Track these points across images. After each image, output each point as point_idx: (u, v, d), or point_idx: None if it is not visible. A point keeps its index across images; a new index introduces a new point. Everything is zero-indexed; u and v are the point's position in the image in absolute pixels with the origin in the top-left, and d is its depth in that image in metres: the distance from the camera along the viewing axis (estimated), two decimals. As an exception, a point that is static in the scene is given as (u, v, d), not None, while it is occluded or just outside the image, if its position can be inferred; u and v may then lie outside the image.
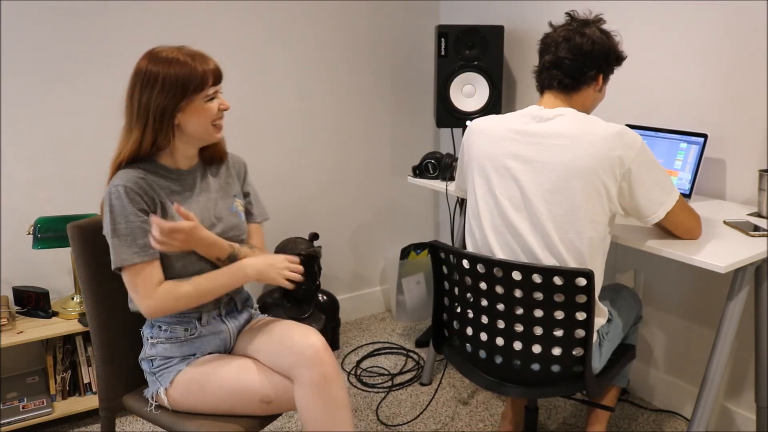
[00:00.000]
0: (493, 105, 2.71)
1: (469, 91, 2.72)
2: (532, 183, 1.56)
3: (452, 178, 2.28)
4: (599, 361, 1.69)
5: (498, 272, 1.54)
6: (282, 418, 2.41)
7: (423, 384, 2.65)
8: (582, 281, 1.48)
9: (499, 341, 1.60)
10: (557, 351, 1.57)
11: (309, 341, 1.53)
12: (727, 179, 2.13)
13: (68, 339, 2.34)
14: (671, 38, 2.23)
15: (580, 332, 1.54)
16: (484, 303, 1.60)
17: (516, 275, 1.52)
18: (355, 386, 2.64)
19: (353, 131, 3.10)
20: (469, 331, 1.66)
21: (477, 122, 1.71)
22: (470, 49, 2.68)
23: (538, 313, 1.54)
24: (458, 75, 2.69)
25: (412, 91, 3.24)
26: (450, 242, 3.30)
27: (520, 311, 1.55)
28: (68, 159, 2.43)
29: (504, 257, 1.61)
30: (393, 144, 3.24)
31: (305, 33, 2.87)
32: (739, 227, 1.76)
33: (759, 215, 1.90)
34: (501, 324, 1.58)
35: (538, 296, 1.52)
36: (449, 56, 2.67)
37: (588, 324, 1.52)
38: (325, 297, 2.92)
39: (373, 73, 3.10)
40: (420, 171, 2.40)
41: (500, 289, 1.56)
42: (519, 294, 1.54)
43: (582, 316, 1.52)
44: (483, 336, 1.63)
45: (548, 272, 1.49)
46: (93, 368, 2.36)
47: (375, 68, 3.10)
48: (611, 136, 1.51)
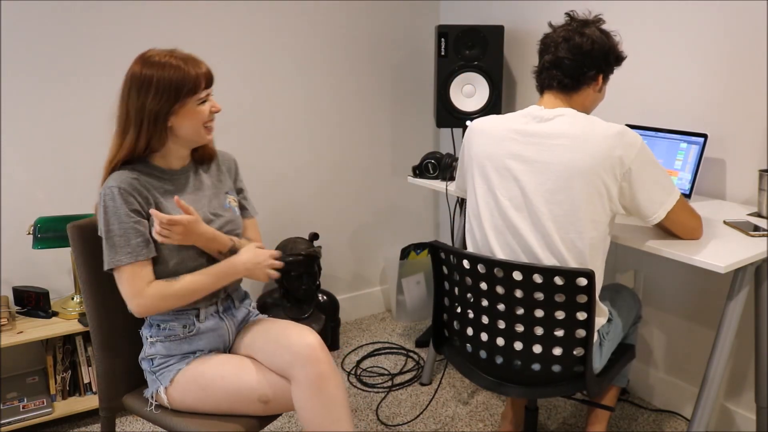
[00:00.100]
0: (493, 105, 2.71)
1: (469, 91, 2.72)
2: (533, 183, 1.56)
3: (452, 178, 2.28)
4: (600, 361, 1.69)
5: (498, 272, 1.54)
6: (282, 418, 2.41)
7: (423, 384, 2.65)
8: (583, 281, 1.48)
9: (500, 341, 1.60)
10: (558, 351, 1.57)
11: (305, 340, 1.54)
12: (727, 179, 2.13)
13: (68, 339, 2.34)
14: (671, 38, 2.23)
15: (581, 332, 1.54)
16: (485, 303, 1.60)
17: (517, 275, 1.52)
18: (355, 386, 2.64)
19: (353, 131, 3.10)
20: (470, 332, 1.66)
21: (477, 122, 1.71)
22: (470, 49, 2.68)
23: (539, 313, 1.54)
24: (458, 75, 2.69)
25: (412, 91, 3.24)
26: (450, 242, 3.30)
27: (521, 311, 1.55)
28: (68, 159, 2.43)
29: (504, 257, 1.62)
30: (393, 144, 3.24)
31: (306, 33, 2.87)
32: (739, 227, 1.76)
33: (759, 215, 1.90)
34: (501, 324, 1.58)
35: (539, 296, 1.52)
36: (449, 56, 2.67)
37: (589, 324, 1.52)
38: (325, 297, 2.92)
39: (374, 73, 3.10)
40: (420, 171, 2.40)
41: (501, 290, 1.56)
42: (520, 294, 1.54)
43: (583, 316, 1.52)
44: (483, 336, 1.63)
45: (549, 272, 1.49)
46: (93, 368, 2.36)
47: (375, 68, 3.10)
48: (611, 136, 1.51)
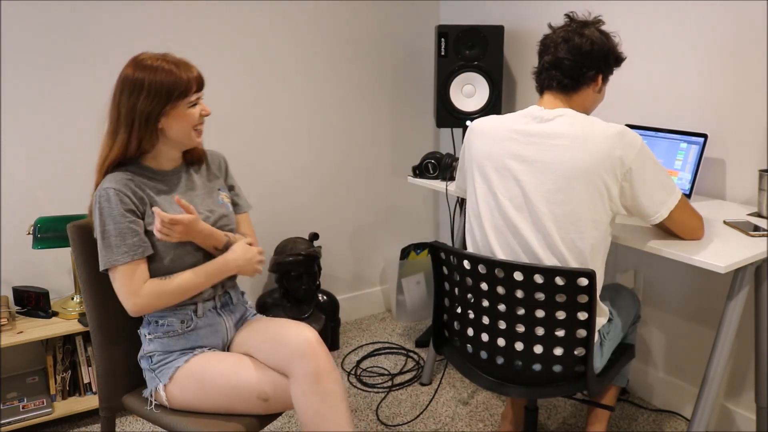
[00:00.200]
0: (493, 105, 2.71)
1: (469, 91, 2.72)
2: (533, 183, 1.56)
3: (452, 178, 2.28)
4: (600, 361, 1.69)
5: (499, 273, 1.54)
6: (282, 418, 2.41)
7: (423, 384, 2.65)
8: (584, 281, 1.48)
9: (501, 342, 1.60)
10: (559, 351, 1.57)
11: (303, 336, 1.56)
12: (727, 179, 2.13)
13: (68, 339, 2.34)
14: (671, 39, 2.23)
15: (582, 332, 1.54)
16: (485, 304, 1.60)
17: (518, 276, 1.52)
18: (355, 386, 2.64)
19: (353, 131, 3.10)
20: (470, 332, 1.66)
21: (477, 122, 1.72)
22: (470, 49, 2.68)
23: (540, 314, 1.53)
24: (458, 75, 2.69)
25: (412, 91, 3.24)
26: (450, 242, 3.30)
27: (522, 312, 1.55)
28: (68, 159, 2.43)
29: (505, 257, 1.62)
30: (393, 144, 3.24)
31: (305, 34, 2.87)
32: (739, 227, 1.76)
33: (759, 215, 1.90)
34: (502, 324, 1.58)
35: (540, 296, 1.52)
36: (449, 56, 2.67)
37: (590, 324, 1.52)
38: (325, 297, 2.92)
39: (373, 73, 3.10)
40: (420, 171, 2.40)
41: (501, 290, 1.56)
42: (520, 294, 1.54)
43: (584, 316, 1.52)
44: (484, 337, 1.63)
45: (550, 272, 1.49)
46: (93, 368, 2.36)
47: (375, 68, 3.10)
48: (612, 137, 1.51)
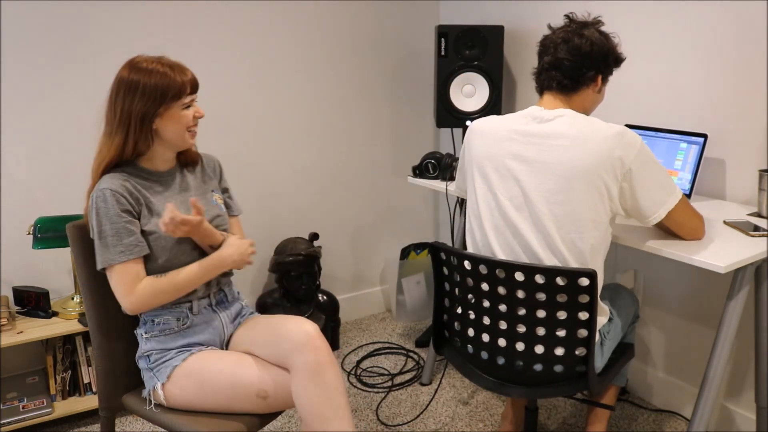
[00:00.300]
0: (493, 105, 2.71)
1: (469, 91, 2.72)
2: (533, 183, 1.56)
3: (452, 178, 2.28)
4: (601, 360, 1.69)
5: (500, 273, 1.54)
6: (282, 418, 2.41)
7: (423, 384, 2.65)
8: (585, 281, 1.48)
9: (502, 342, 1.60)
10: (560, 351, 1.57)
11: (303, 329, 1.57)
12: (727, 179, 2.13)
13: (68, 339, 2.34)
14: (671, 39, 2.23)
15: (583, 332, 1.54)
16: (486, 304, 1.60)
17: (519, 276, 1.52)
18: (355, 386, 2.64)
19: (353, 131, 3.10)
20: (471, 333, 1.66)
21: (477, 123, 1.72)
22: (470, 49, 2.68)
23: (541, 314, 1.54)
24: (458, 75, 2.69)
25: (412, 91, 3.24)
26: (450, 242, 3.30)
27: (523, 312, 1.55)
28: (68, 159, 2.43)
29: (505, 257, 1.62)
30: (393, 144, 3.24)
31: (305, 34, 2.87)
32: (739, 227, 1.76)
33: (759, 215, 1.90)
34: (503, 325, 1.58)
35: (541, 297, 1.52)
36: (449, 56, 2.67)
37: (591, 324, 1.52)
38: (325, 297, 2.92)
39: (373, 73, 3.10)
40: (420, 171, 2.40)
41: (502, 290, 1.56)
42: (521, 295, 1.54)
43: (585, 316, 1.52)
44: (485, 337, 1.63)
45: (551, 273, 1.49)
46: (93, 368, 2.36)
47: (375, 68, 3.10)
48: (611, 137, 1.51)
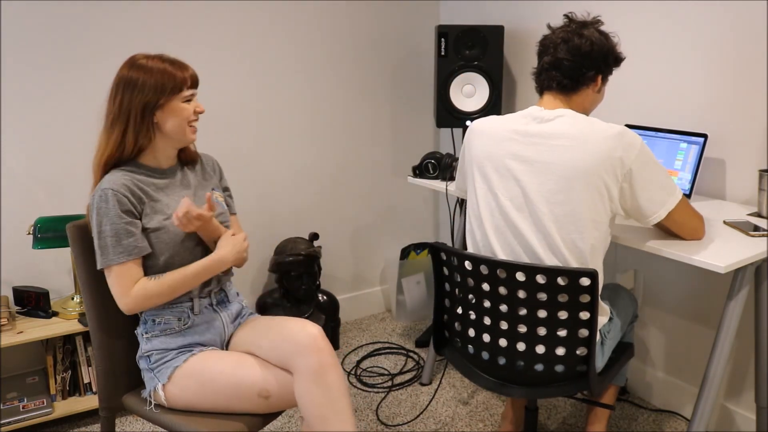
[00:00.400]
0: (493, 105, 2.71)
1: (469, 91, 2.72)
2: (534, 183, 1.56)
3: (452, 178, 2.28)
4: (602, 360, 1.69)
5: (501, 273, 1.54)
6: (282, 418, 2.41)
7: (423, 384, 2.65)
8: (586, 281, 1.48)
9: (503, 342, 1.60)
10: (561, 351, 1.57)
11: (306, 331, 1.57)
12: (727, 179, 2.13)
13: (68, 339, 2.34)
14: (671, 39, 2.23)
15: (584, 332, 1.54)
16: (487, 304, 1.60)
17: (520, 276, 1.52)
18: (355, 386, 2.64)
19: (353, 131, 3.10)
20: (471, 333, 1.66)
21: (477, 123, 1.72)
22: (470, 49, 2.68)
23: (542, 314, 1.54)
24: (458, 75, 2.69)
25: (412, 91, 3.24)
26: (450, 242, 3.30)
27: (524, 312, 1.55)
28: (68, 159, 2.43)
29: (505, 257, 1.62)
30: (393, 144, 3.24)
31: (305, 34, 2.87)
32: (739, 227, 1.76)
33: (759, 215, 1.90)
34: (504, 325, 1.58)
35: (542, 297, 1.52)
36: (449, 56, 2.67)
37: (592, 323, 1.52)
38: (325, 297, 2.92)
39: (373, 73, 3.10)
40: (420, 171, 2.40)
41: (503, 290, 1.56)
42: (522, 295, 1.54)
43: (586, 316, 1.52)
44: (486, 337, 1.63)
45: (552, 273, 1.49)
46: (93, 368, 2.36)
47: (375, 68, 3.10)
48: (612, 137, 1.51)
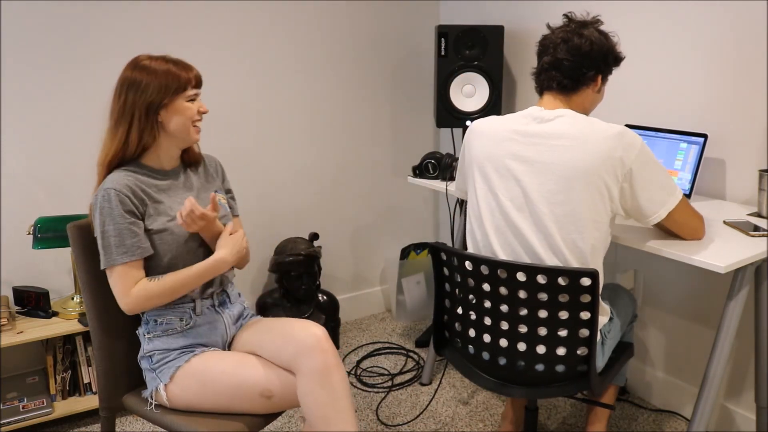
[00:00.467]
0: (493, 105, 2.71)
1: (469, 91, 2.72)
2: (534, 183, 1.56)
3: (452, 178, 2.28)
4: (602, 360, 1.69)
5: (502, 273, 1.54)
6: (282, 418, 2.41)
7: (423, 384, 2.65)
8: (587, 281, 1.48)
9: (503, 342, 1.60)
10: (562, 351, 1.57)
11: (310, 331, 1.57)
12: (727, 179, 2.13)
13: (68, 339, 2.34)
14: (671, 38, 2.23)
15: (585, 332, 1.54)
16: (488, 304, 1.60)
17: (520, 276, 1.52)
18: (355, 386, 2.64)
19: (353, 131, 3.10)
20: (472, 333, 1.66)
21: (477, 123, 1.72)
22: (470, 49, 2.68)
23: (543, 314, 1.54)
24: (458, 75, 2.69)
25: (412, 91, 3.24)
26: (450, 242, 3.30)
27: (524, 312, 1.55)
28: (68, 159, 2.43)
29: (506, 257, 1.62)
30: (393, 144, 3.24)
31: (305, 34, 2.87)
32: (739, 227, 1.76)
33: (759, 215, 1.90)
34: (505, 325, 1.58)
35: (543, 297, 1.52)
36: (449, 56, 2.67)
37: (592, 323, 1.52)
38: (325, 297, 2.92)
39: (373, 73, 3.10)
40: (420, 171, 2.40)
41: (504, 291, 1.56)
42: (523, 295, 1.54)
43: (586, 316, 1.52)
44: (486, 338, 1.63)
45: (553, 273, 1.49)
46: (93, 368, 2.36)
47: (375, 68, 3.10)
48: (612, 137, 1.51)
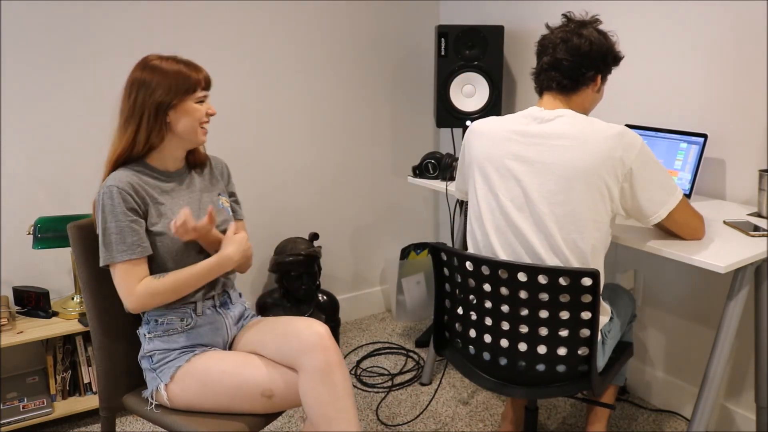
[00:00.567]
0: (493, 105, 2.71)
1: (469, 91, 2.72)
2: (534, 183, 1.56)
3: (452, 178, 2.28)
4: (602, 360, 1.69)
5: (503, 274, 1.54)
6: (282, 418, 2.41)
7: (423, 384, 2.65)
8: (588, 281, 1.48)
9: (504, 343, 1.60)
10: (562, 351, 1.57)
11: (313, 329, 1.57)
12: (727, 179, 2.13)
13: (68, 339, 2.34)
14: (671, 38, 2.23)
15: (585, 332, 1.54)
16: (488, 305, 1.60)
17: (521, 276, 1.52)
18: (355, 386, 2.64)
19: (353, 131, 3.10)
20: (472, 333, 1.66)
21: (477, 124, 1.72)
22: (470, 49, 2.68)
23: (544, 314, 1.54)
24: (458, 75, 2.69)
25: (412, 91, 3.24)
26: (450, 242, 3.30)
27: (525, 312, 1.55)
28: (68, 159, 2.43)
29: (506, 258, 1.62)
30: (393, 144, 3.24)
31: (305, 34, 2.87)
32: (739, 227, 1.76)
33: (759, 215, 1.90)
34: (505, 326, 1.58)
35: (544, 297, 1.52)
36: (449, 56, 2.67)
37: (593, 323, 1.52)
38: (325, 297, 2.92)
39: (373, 74, 3.10)
40: (420, 171, 2.40)
41: (505, 291, 1.56)
42: (524, 295, 1.54)
43: (587, 316, 1.52)
44: (487, 338, 1.63)
45: (554, 273, 1.49)
46: (93, 368, 2.36)
47: (375, 68, 3.10)
48: (612, 137, 1.51)
